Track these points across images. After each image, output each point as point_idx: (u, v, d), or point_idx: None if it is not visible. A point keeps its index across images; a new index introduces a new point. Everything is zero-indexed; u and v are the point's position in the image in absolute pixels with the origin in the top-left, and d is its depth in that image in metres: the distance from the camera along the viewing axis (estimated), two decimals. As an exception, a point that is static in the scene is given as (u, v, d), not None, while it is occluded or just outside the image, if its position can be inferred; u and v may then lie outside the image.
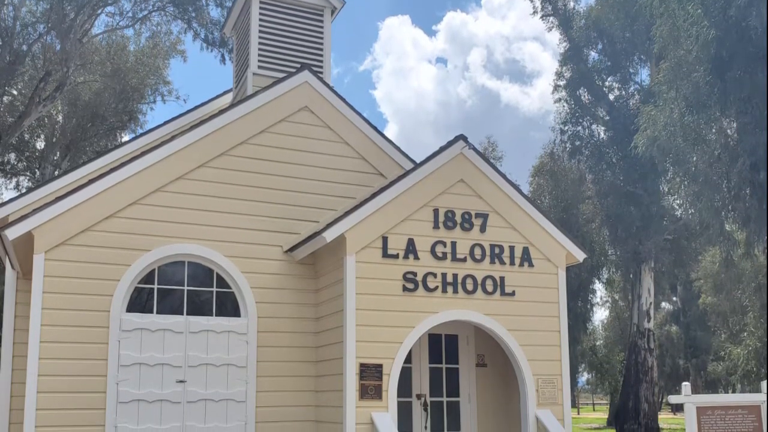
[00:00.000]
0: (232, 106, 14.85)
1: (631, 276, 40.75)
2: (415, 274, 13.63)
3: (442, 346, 15.41)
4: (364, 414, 12.79)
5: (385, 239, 13.52)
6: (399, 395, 13.81)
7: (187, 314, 13.72)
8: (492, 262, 14.25)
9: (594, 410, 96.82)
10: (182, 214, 13.86)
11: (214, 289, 14.04)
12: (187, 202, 13.93)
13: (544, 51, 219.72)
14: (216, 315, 13.94)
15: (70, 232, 12.92)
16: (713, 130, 25.82)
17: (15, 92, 37.28)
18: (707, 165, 25.55)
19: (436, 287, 13.74)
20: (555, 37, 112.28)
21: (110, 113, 39.42)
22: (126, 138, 40.56)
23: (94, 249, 13.09)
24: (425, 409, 14.93)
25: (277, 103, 14.98)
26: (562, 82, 40.75)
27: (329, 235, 13.12)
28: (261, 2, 16.41)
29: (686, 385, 14.72)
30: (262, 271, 14.32)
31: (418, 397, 14.94)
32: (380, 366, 13.05)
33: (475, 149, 14.33)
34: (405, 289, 13.52)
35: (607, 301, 68.20)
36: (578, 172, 45.21)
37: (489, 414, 15.46)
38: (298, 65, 15.87)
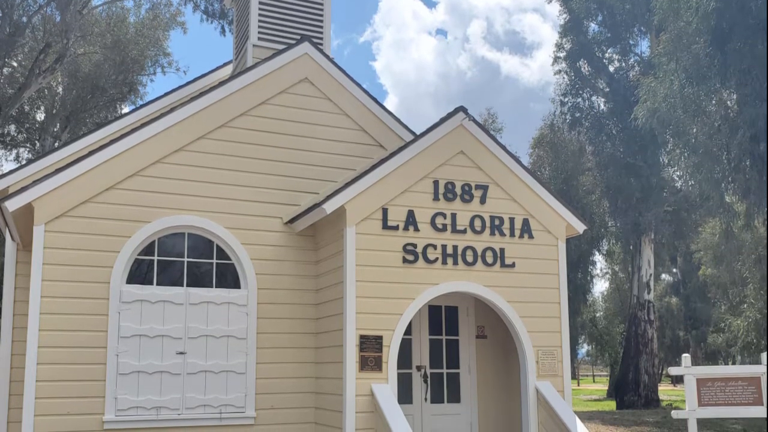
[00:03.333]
0: (232, 77, 14.78)
1: (631, 248, 40.86)
2: (415, 245, 13.62)
3: (442, 317, 15.42)
4: (364, 385, 12.81)
5: (385, 211, 13.50)
6: (399, 367, 13.83)
7: (187, 286, 13.71)
8: (492, 233, 14.23)
9: (594, 382, 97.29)
10: (182, 186, 13.83)
11: (214, 261, 14.03)
12: (187, 173, 13.90)
13: (544, 22, 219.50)
14: (216, 287, 13.93)
15: (70, 204, 12.90)
16: (713, 102, 25.78)
17: (15, 64, 37.24)
18: (707, 137, 25.51)
19: (436, 259, 13.73)
20: (555, 8, 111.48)
21: (110, 85, 39.38)
22: (126, 110, 40.67)
23: (94, 220, 13.07)
24: (425, 381, 14.97)
25: (277, 74, 14.93)
26: (562, 54, 40.74)
27: (329, 207, 13.08)
28: (261, -27, 16.31)
29: (686, 357, 14.73)
30: (262, 242, 14.30)
31: (418, 368, 14.97)
32: (380, 337, 13.05)
33: (475, 121, 14.29)
34: (405, 260, 13.50)
35: (607, 273, 68.48)
36: (578, 143, 45.24)
37: (489, 385, 15.50)
38: (298, 37, 15.80)
